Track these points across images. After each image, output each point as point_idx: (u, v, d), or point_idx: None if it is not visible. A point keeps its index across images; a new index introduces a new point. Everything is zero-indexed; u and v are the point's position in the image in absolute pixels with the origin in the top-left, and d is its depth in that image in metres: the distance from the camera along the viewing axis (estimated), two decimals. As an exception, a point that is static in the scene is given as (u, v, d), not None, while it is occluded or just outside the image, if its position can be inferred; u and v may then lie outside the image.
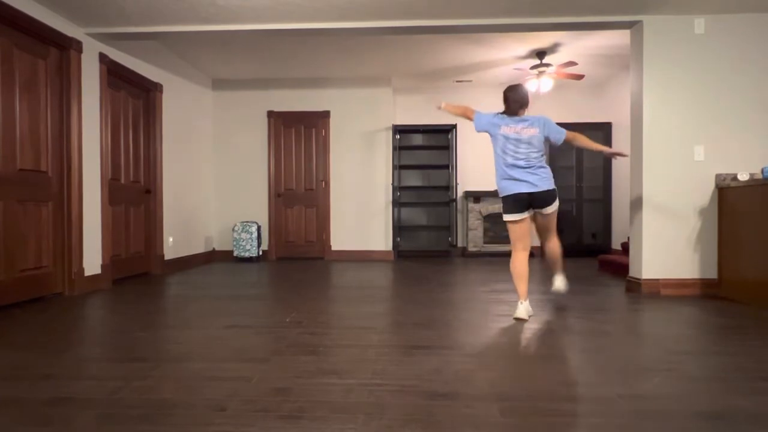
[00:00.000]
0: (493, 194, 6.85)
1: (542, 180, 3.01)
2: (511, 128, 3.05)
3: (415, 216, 7.18)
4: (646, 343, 2.54)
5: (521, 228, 3.09)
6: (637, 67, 4.03)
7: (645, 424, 1.57)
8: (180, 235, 5.73)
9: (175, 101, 5.62)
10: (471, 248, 6.85)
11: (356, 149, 6.71)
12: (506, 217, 3.11)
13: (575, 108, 7.15)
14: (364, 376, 2.01)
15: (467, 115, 3.29)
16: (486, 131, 3.17)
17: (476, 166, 7.12)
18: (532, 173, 3.00)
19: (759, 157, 3.88)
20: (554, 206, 3.08)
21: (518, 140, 3.03)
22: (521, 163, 3.02)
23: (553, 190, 3.06)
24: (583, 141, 3.19)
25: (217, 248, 6.71)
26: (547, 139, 3.11)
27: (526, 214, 3.07)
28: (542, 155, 3.07)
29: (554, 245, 3.29)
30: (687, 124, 3.91)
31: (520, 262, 3.09)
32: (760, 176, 3.59)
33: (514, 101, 3.10)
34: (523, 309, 3.01)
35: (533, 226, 3.22)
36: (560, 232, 7.04)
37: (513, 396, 1.80)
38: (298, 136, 6.75)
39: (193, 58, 5.74)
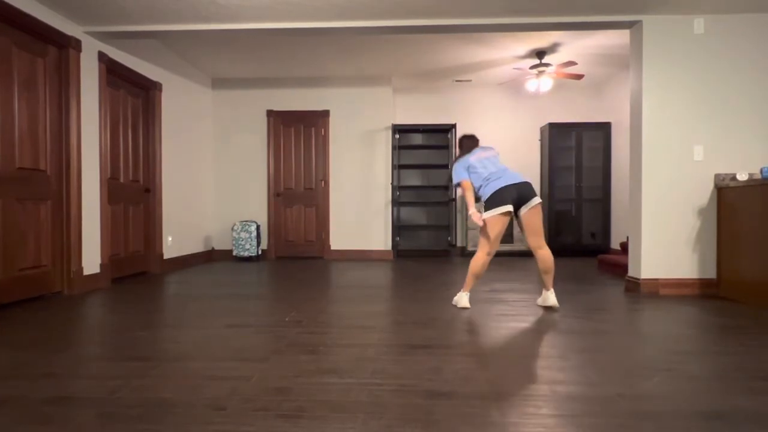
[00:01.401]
0: (493, 194, 6.84)
1: (520, 176, 3.31)
2: (476, 155, 3.45)
3: (415, 215, 7.18)
4: (646, 342, 2.54)
5: (501, 225, 3.27)
6: (637, 66, 4.03)
7: (645, 424, 1.57)
8: (179, 235, 5.73)
9: (174, 100, 5.62)
10: (470, 248, 6.85)
11: (356, 149, 6.71)
12: (495, 211, 3.25)
13: (575, 108, 7.16)
14: (363, 376, 2.01)
15: (467, 192, 3.48)
16: (468, 174, 3.46)
17: (476, 166, 7.11)
18: (510, 173, 3.32)
19: (758, 157, 3.89)
20: (538, 199, 3.28)
21: (487, 159, 3.43)
22: (499, 173, 3.34)
23: (529, 182, 3.31)
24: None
25: (216, 247, 6.70)
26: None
27: (511, 208, 3.24)
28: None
29: (548, 254, 3.29)
30: (686, 123, 3.92)
31: (484, 262, 3.34)
32: (759, 176, 3.59)
33: (469, 147, 3.54)
34: (466, 299, 3.38)
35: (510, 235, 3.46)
36: (560, 232, 7.05)
37: (512, 395, 1.80)
38: (298, 136, 6.75)
39: (192, 57, 5.73)
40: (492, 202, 3.26)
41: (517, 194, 3.22)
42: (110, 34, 4.23)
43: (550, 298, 3.31)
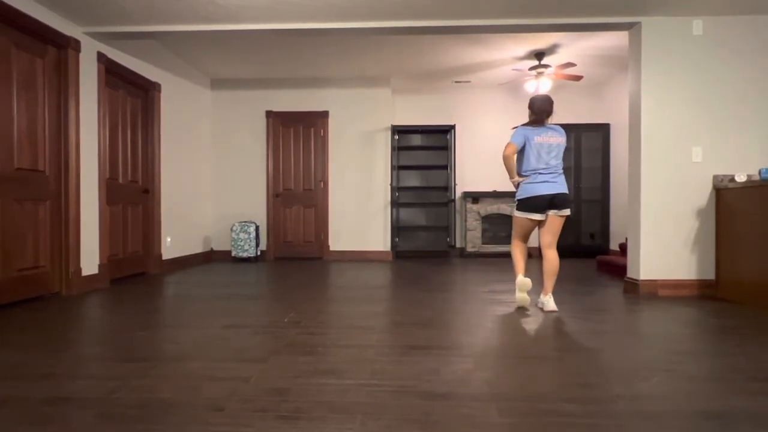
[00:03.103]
0: (492, 195, 6.86)
1: (562, 185, 3.32)
2: (542, 137, 3.33)
3: (414, 216, 7.18)
4: (645, 343, 2.54)
5: (524, 225, 3.39)
6: (636, 68, 4.04)
7: (644, 425, 1.57)
8: (178, 235, 5.72)
9: (173, 101, 5.62)
10: (469, 249, 6.86)
11: (355, 149, 6.71)
12: (524, 215, 3.35)
13: (574, 109, 7.16)
14: (362, 376, 2.00)
15: (512, 156, 3.36)
16: (523, 143, 3.36)
17: (475, 167, 7.12)
18: (555, 178, 3.31)
19: (757, 158, 3.89)
20: (569, 211, 3.35)
21: (549, 146, 3.33)
22: (551, 168, 3.31)
23: (568, 193, 3.36)
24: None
25: (215, 248, 6.70)
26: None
27: (543, 216, 3.33)
28: (561, 163, 3.39)
29: (555, 256, 3.36)
30: (685, 125, 3.92)
31: (523, 247, 3.48)
32: (757, 177, 3.60)
33: (541, 111, 3.38)
34: (524, 282, 3.33)
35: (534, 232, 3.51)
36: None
37: (511, 396, 1.80)
38: (297, 136, 6.75)
39: (191, 57, 5.73)
40: (522, 205, 3.36)
41: (548, 204, 3.29)
42: (109, 35, 4.23)
43: (549, 303, 3.30)
